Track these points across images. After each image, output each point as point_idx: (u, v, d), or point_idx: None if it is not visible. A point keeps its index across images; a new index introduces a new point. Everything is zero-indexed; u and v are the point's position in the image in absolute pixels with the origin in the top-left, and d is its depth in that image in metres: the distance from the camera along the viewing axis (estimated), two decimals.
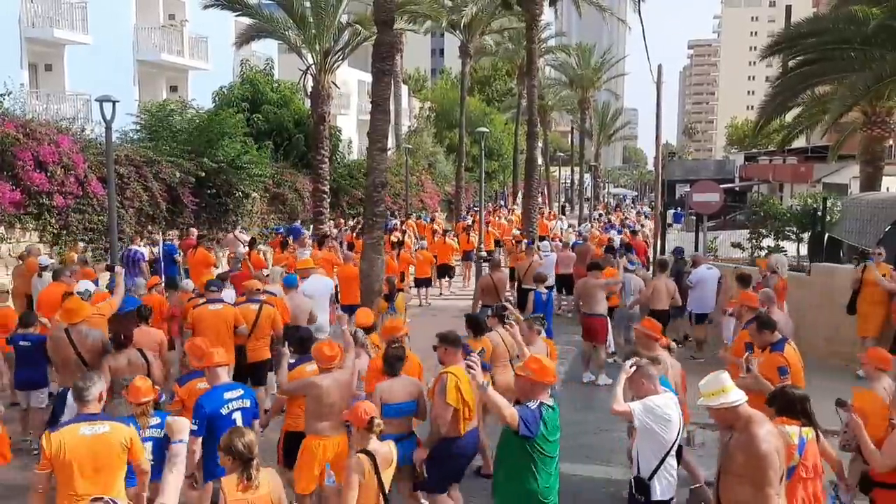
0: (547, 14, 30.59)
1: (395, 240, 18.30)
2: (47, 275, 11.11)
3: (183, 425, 4.46)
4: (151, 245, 15.29)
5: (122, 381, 5.95)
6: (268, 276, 11.07)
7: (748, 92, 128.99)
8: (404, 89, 43.60)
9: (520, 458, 5.04)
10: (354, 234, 18.83)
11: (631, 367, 5.44)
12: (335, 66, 21.51)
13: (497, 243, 23.41)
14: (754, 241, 15.12)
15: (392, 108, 14.02)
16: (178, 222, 19.30)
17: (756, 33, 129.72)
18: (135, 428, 4.98)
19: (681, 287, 12.29)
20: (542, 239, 20.36)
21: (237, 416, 5.80)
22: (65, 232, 16.02)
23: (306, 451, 5.93)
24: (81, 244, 14.80)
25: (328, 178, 21.96)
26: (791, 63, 18.70)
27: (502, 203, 41.70)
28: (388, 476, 4.87)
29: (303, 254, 13.73)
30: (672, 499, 5.21)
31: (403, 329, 6.64)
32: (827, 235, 14.28)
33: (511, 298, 12.67)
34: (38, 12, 20.56)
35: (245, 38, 22.45)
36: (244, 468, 4.20)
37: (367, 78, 35.69)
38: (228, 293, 9.96)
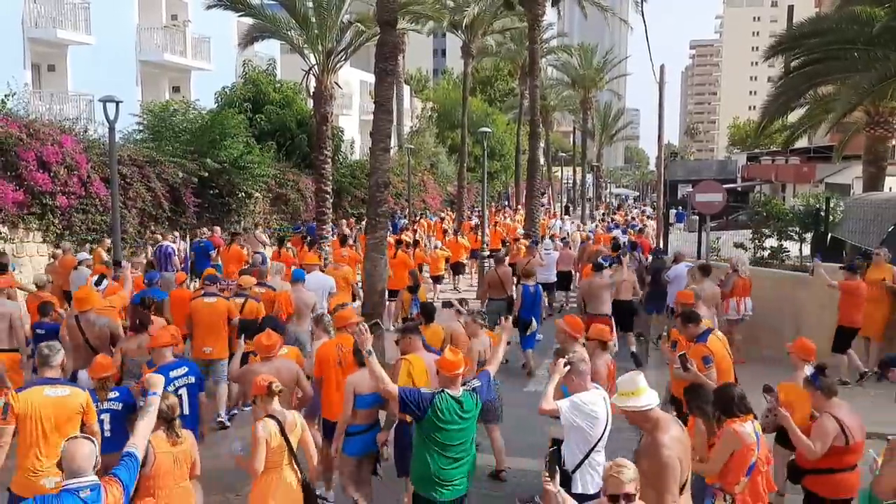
0: (549, 14, 30.58)
1: (408, 239, 18.79)
2: (84, 269, 11.73)
3: (158, 380, 4.84)
4: (180, 241, 16.03)
5: (136, 362, 6.96)
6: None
7: (750, 92, 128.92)
8: (406, 90, 43.62)
9: (418, 438, 5.32)
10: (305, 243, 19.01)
11: (565, 366, 5.52)
12: (337, 66, 21.49)
13: (503, 242, 23.58)
14: (757, 241, 15.10)
15: (394, 108, 14.02)
16: (180, 222, 19.33)
17: (758, 33, 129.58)
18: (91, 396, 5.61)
19: (660, 284, 12.99)
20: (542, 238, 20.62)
21: (183, 392, 6.24)
22: (68, 232, 16.05)
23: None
24: (108, 241, 15.17)
25: (331, 178, 21.97)
26: (794, 63, 18.67)
27: (506, 203, 41.72)
28: (294, 438, 5.32)
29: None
30: (598, 493, 5.12)
31: (355, 318, 6.92)
32: (830, 236, 14.28)
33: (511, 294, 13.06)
34: (42, 13, 20.58)
35: (248, 39, 22.42)
36: (168, 426, 4.98)
37: (369, 78, 35.74)
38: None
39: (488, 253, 19.23)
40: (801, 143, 31.52)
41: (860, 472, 5.56)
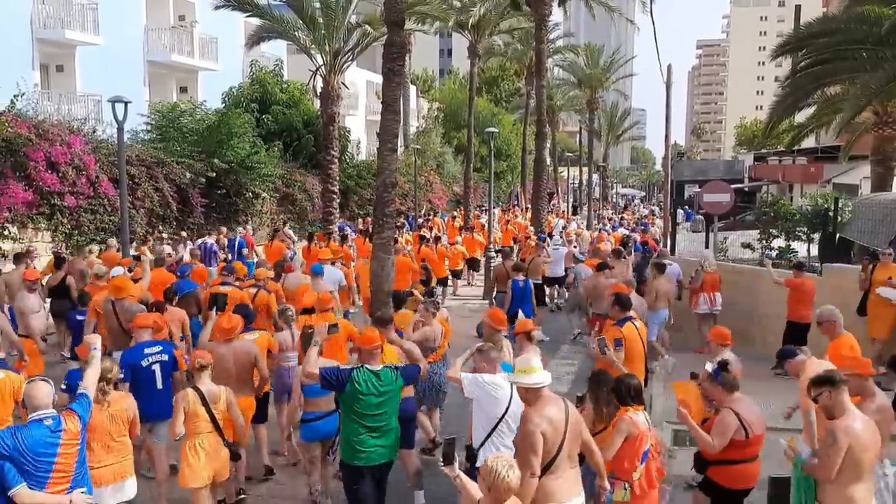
0: (556, 14, 30.54)
1: (427, 236, 19.88)
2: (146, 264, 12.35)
3: (95, 339, 5.53)
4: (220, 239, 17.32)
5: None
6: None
7: (757, 92, 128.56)
8: (412, 90, 43.63)
9: (343, 410, 5.81)
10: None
11: (477, 349, 6.06)
12: (344, 66, 21.55)
13: (514, 240, 23.80)
14: (764, 241, 15.07)
15: (401, 108, 14.06)
16: (188, 222, 19.39)
17: (765, 33, 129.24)
18: (22, 377, 6.13)
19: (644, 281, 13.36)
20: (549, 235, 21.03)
21: (156, 367, 6.88)
22: (76, 232, 16.12)
23: None
24: (151, 241, 16.32)
25: (337, 178, 22.03)
26: (801, 63, 18.62)
27: (515, 203, 41.73)
28: (217, 410, 6.03)
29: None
30: None
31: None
32: (838, 236, 14.23)
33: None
34: (50, 13, 20.67)
35: (255, 39, 22.51)
36: (103, 388, 5.50)
37: (376, 78, 35.76)
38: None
39: (495, 250, 19.50)
40: (809, 143, 31.42)
41: (760, 463, 5.81)
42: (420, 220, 24.84)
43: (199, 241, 16.99)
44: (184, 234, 18.17)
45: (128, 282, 9.12)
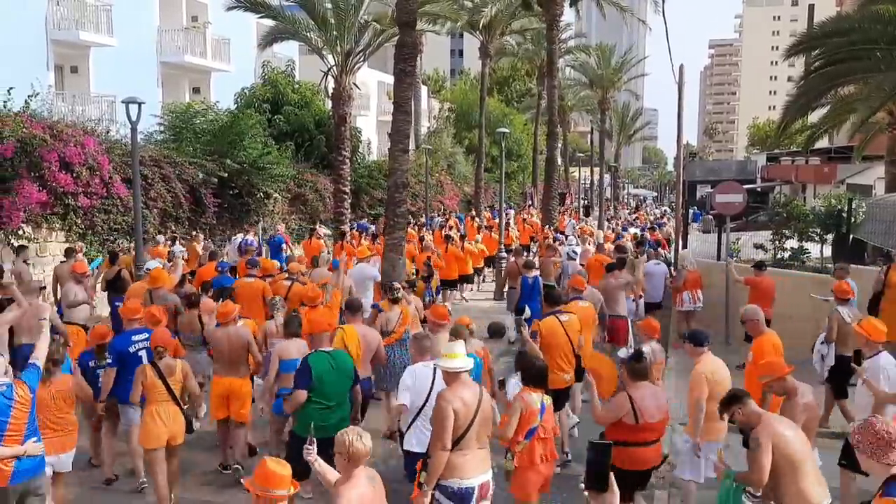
0: (567, 14, 30.52)
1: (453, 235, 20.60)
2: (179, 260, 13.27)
3: (45, 308, 6.55)
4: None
5: (189, 336, 9.00)
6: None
7: (770, 92, 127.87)
8: (423, 90, 43.67)
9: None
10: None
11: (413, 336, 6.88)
12: (356, 67, 21.62)
13: (532, 239, 24.00)
14: (777, 242, 14.98)
15: (412, 108, 14.15)
16: (200, 222, 19.48)
17: (778, 33, 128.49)
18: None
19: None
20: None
21: (143, 353, 7.43)
22: (90, 232, 16.22)
23: (213, 386, 7.92)
24: (201, 236, 17.29)
25: (348, 178, 22.08)
26: (815, 63, 18.51)
27: (530, 202, 41.73)
28: (174, 382, 6.84)
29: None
30: (425, 452, 5.62)
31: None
32: (851, 237, 14.13)
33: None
34: (65, 15, 20.82)
35: (267, 40, 22.61)
36: (48, 367, 5.96)
37: (387, 79, 35.84)
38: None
39: (506, 249, 19.66)
40: (822, 143, 31.22)
41: (658, 450, 6.23)
42: (440, 220, 25.88)
43: (236, 237, 18.21)
44: (195, 233, 18.26)
45: (163, 273, 10.25)
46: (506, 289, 15.19)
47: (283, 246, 17.56)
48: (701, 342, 6.82)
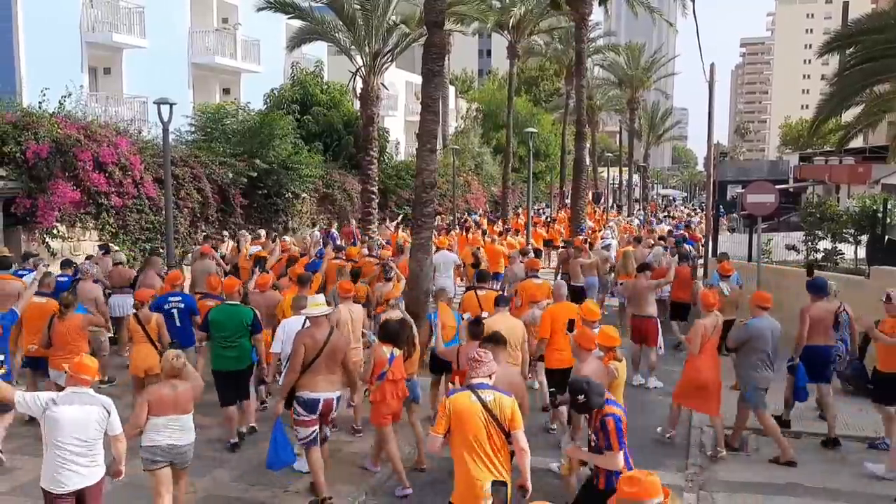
0: (596, 13, 30.37)
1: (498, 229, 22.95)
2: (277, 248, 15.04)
3: (41, 270, 8.89)
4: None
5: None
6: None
7: (803, 91, 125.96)
8: (451, 90, 43.67)
9: (212, 339, 8.57)
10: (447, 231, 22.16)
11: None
12: (384, 67, 21.65)
13: (546, 243, 24.24)
14: (810, 243, 14.74)
15: (439, 108, 14.14)
16: (230, 222, 19.68)
17: (811, 31, 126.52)
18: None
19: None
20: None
21: (175, 311, 9.37)
22: (122, 231, 16.47)
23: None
24: (287, 237, 18.98)
25: (376, 178, 22.16)
26: (849, 61, 18.16)
27: (567, 202, 41.60)
28: (150, 328, 8.77)
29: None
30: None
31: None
32: (887, 238, 13.85)
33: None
34: (98, 17, 21.15)
35: (296, 41, 22.73)
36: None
37: (415, 79, 35.90)
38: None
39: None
40: (856, 142, 30.64)
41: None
42: (476, 216, 27.48)
43: (311, 231, 20.22)
44: (225, 233, 18.45)
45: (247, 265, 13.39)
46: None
47: (339, 240, 19.17)
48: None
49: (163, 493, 5.92)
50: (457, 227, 25.13)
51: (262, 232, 17.63)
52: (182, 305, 9.47)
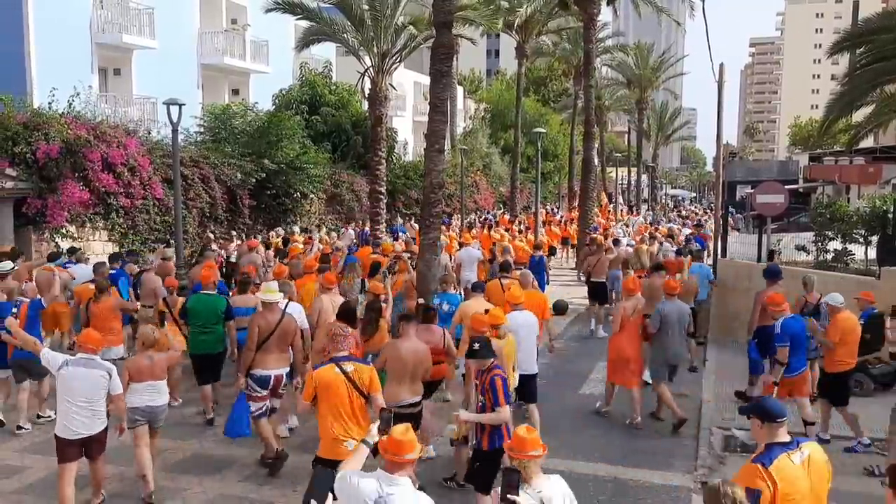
0: (605, 13, 30.28)
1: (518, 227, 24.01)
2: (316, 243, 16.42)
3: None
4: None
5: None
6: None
7: (813, 90, 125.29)
8: (459, 90, 43.67)
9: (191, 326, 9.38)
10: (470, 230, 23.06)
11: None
12: (392, 68, 21.67)
13: (565, 241, 24.83)
14: (820, 243, 14.66)
15: (448, 109, 14.17)
16: (238, 222, 19.73)
17: (821, 30, 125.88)
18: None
19: None
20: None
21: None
22: (132, 231, 16.54)
23: None
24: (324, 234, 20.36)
25: (384, 179, 22.18)
26: (860, 60, 18.05)
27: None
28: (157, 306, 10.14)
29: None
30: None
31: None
32: None
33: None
34: (108, 18, 21.23)
35: (305, 42, 22.78)
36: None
37: (423, 79, 35.89)
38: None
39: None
40: (867, 142, 30.47)
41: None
42: (493, 215, 28.28)
43: (349, 231, 21.50)
44: (234, 233, 18.51)
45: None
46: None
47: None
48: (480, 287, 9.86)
49: (141, 446, 6.95)
50: (478, 224, 25.79)
51: (297, 228, 19.57)
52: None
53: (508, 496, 3.75)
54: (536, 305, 9.26)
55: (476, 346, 6.11)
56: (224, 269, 14.87)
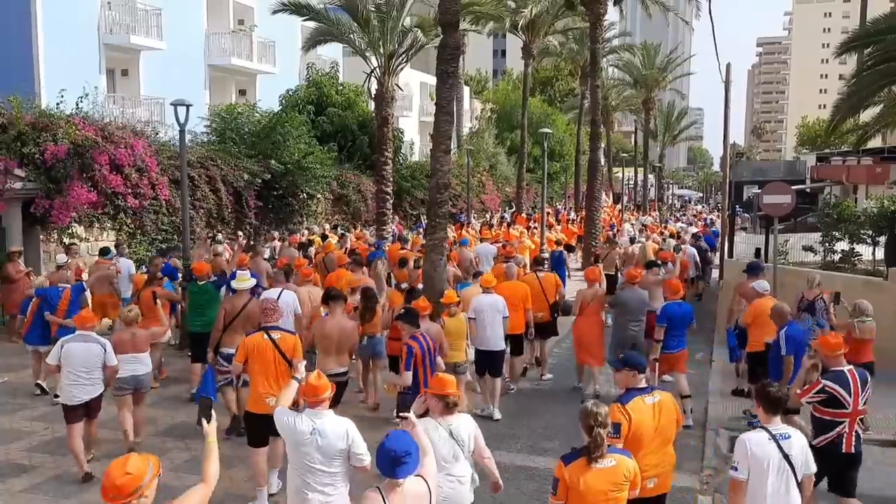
0: (611, 13, 30.18)
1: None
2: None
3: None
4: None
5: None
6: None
7: (820, 91, 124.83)
8: (466, 90, 43.68)
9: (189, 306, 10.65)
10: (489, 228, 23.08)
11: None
12: (398, 68, 21.68)
13: (580, 239, 25.39)
14: (827, 244, 14.61)
15: (454, 109, 14.22)
16: (245, 222, 19.78)
17: (829, 30, 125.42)
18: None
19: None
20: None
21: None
22: (139, 232, 16.59)
23: None
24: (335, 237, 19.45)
25: (391, 179, 22.20)
26: (868, 60, 17.98)
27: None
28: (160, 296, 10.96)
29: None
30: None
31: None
32: None
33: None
34: (116, 19, 21.32)
35: (312, 43, 22.81)
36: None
37: (429, 79, 35.92)
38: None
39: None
40: (875, 143, 30.35)
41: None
42: (508, 215, 28.47)
43: (370, 229, 22.23)
44: (240, 233, 18.56)
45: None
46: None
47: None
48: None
49: (124, 412, 8.05)
50: (495, 224, 26.27)
51: (325, 226, 20.67)
52: (253, 282, 11.05)
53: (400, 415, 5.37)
54: (516, 295, 10.40)
55: (402, 311, 7.89)
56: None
